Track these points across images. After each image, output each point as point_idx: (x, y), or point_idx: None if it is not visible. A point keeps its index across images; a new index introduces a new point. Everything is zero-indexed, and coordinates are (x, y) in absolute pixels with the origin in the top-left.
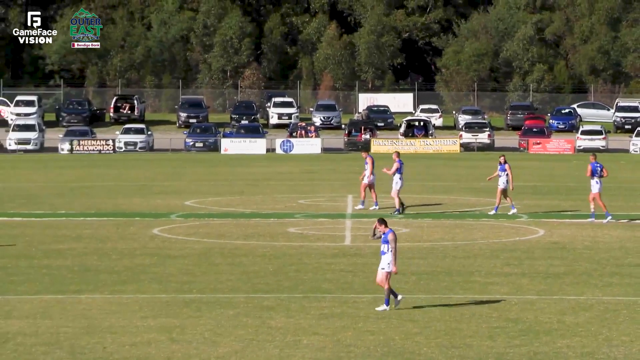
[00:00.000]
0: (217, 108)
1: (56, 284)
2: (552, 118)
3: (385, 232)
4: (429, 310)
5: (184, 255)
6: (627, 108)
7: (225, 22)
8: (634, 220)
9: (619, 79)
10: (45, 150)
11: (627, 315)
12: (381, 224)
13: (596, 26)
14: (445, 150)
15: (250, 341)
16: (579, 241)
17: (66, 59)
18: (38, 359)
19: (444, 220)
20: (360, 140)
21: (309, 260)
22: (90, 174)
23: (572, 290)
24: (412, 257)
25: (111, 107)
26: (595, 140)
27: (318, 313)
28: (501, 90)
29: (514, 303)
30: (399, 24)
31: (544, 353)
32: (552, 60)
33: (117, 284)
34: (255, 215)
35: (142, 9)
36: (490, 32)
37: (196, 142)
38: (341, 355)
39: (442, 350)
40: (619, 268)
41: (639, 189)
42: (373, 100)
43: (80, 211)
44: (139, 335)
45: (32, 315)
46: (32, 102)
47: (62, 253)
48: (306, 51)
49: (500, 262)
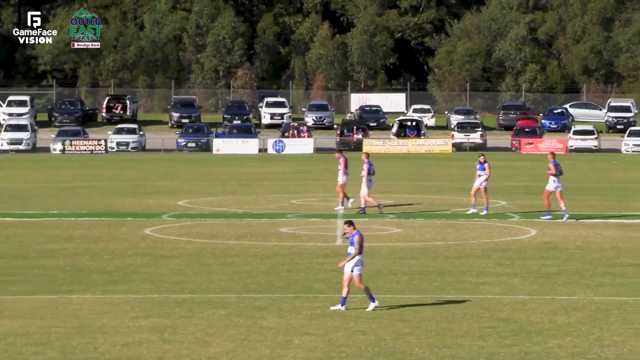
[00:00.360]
0: (210, 108)
1: (48, 284)
2: (545, 118)
3: (352, 234)
4: (420, 310)
5: (176, 256)
6: (619, 108)
7: (218, 22)
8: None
9: (611, 79)
10: (37, 151)
11: (618, 315)
12: (349, 226)
13: (589, 26)
14: (438, 150)
15: (241, 341)
16: (570, 241)
17: (59, 59)
18: (29, 359)
19: (435, 220)
20: (352, 141)
21: (301, 260)
22: (83, 174)
23: (563, 290)
24: (404, 257)
25: (103, 107)
26: (588, 140)
27: (310, 313)
28: (493, 90)
29: (506, 303)
30: (392, 24)
31: (536, 353)
32: (545, 60)
33: (108, 284)
34: (247, 216)
35: (135, 9)
36: (482, 32)
37: (188, 142)
38: (332, 355)
39: (433, 350)
40: (611, 268)
41: (631, 189)
42: (365, 100)
43: (72, 211)
44: (130, 335)
45: (24, 315)
46: (24, 102)
47: (54, 253)
48: (299, 51)
49: (492, 262)
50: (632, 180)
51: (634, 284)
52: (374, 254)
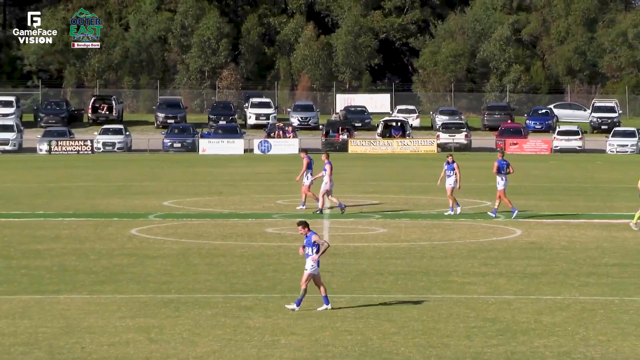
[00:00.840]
0: (195, 108)
1: (34, 284)
2: (529, 118)
3: (307, 235)
4: (406, 310)
5: (162, 256)
6: (603, 108)
7: (202, 22)
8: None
9: (595, 79)
10: (23, 151)
11: (603, 315)
12: (304, 227)
13: (572, 27)
14: (423, 150)
15: (228, 341)
16: (555, 241)
17: (44, 59)
18: (17, 359)
19: (421, 220)
20: (338, 141)
21: (287, 260)
22: (69, 174)
23: (549, 290)
24: (389, 257)
25: (89, 108)
26: (572, 141)
27: (296, 313)
28: (478, 90)
29: (492, 303)
30: (376, 24)
31: (521, 353)
32: (529, 61)
33: (95, 284)
34: (233, 216)
35: (120, 10)
36: (467, 32)
37: (174, 143)
38: (319, 355)
39: (419, 350)
40: (596, 268)
41: (615, 189)
42: (350, 101)
43: (58, 211)
44: (117, 335)
45: (11, 315)
46: (10, 102)
47: (40, 253)
48: (284, 52)
49: (477, 262)
50: (616, 180)
51: (619, 283)
52: (360, 254)
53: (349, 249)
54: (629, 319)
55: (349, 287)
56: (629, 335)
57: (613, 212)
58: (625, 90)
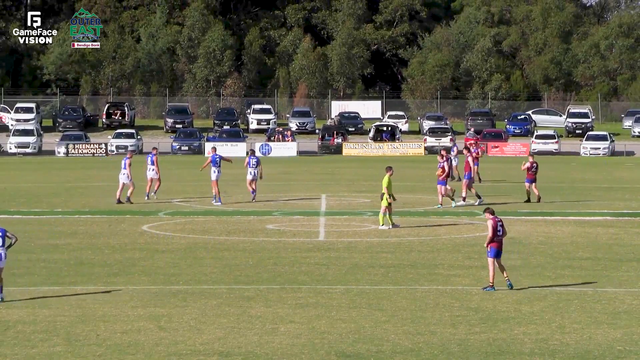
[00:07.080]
0: (201, 114)
1: (53, 276)
2: (509, 123)
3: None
4: (396, 300)
5: (171, 250)
6: (577, 114)
7: (208, 35)
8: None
9: (570, 87)
10: (42, 153)
11: (578, 305)
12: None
13: (549, 39)
14: (411, 153)
15: (232, 329)
16: (533, 237)
17: (62, 69)
18: (36, 345)
19: (409, 217)
20: (333, 144)
21: (286, 254)
22: (85, 175)
23: (527, 282)
24: (380, 252)
25: (103, 114)
26: (549, 144)
27: (294, 303)
28: (462, 97)
29: (475, 293)
30: (368, 37)
31: (502, 339)
32: (509, 70)
33: (109, 276)
34: (236, 213)
35: (132, 23)
36: (452, 44)
37: (182, 146)
38: (315, 342)
39: (408, 337)
40: (571, 261)
41: (589, 188)
42: (344, 107)
43: (75, 209)
44: (129, 323)
45: (31, 305)
46: (30, 109)
47: (58, 248)
48: (283, 62)
49: (461, 255)
50: (590, 180)
51: (592, 275)
52: (353, 249)
53: (343, 243)
54: (602, 308)
55: (343, 278)
56: (601, 324)
57: (587, 210)
58: (598, 98)
